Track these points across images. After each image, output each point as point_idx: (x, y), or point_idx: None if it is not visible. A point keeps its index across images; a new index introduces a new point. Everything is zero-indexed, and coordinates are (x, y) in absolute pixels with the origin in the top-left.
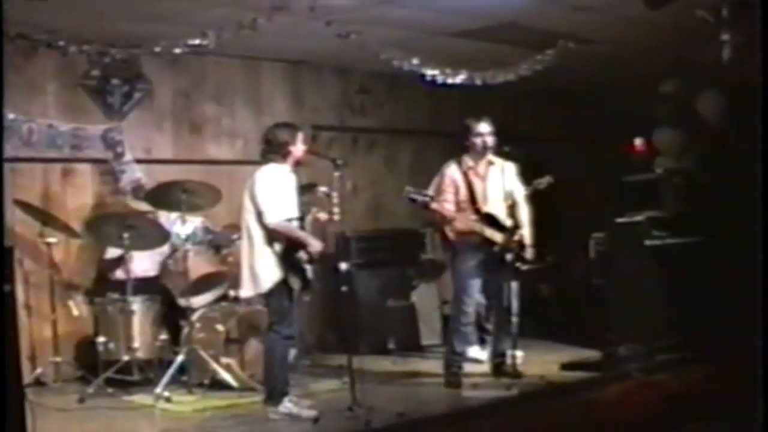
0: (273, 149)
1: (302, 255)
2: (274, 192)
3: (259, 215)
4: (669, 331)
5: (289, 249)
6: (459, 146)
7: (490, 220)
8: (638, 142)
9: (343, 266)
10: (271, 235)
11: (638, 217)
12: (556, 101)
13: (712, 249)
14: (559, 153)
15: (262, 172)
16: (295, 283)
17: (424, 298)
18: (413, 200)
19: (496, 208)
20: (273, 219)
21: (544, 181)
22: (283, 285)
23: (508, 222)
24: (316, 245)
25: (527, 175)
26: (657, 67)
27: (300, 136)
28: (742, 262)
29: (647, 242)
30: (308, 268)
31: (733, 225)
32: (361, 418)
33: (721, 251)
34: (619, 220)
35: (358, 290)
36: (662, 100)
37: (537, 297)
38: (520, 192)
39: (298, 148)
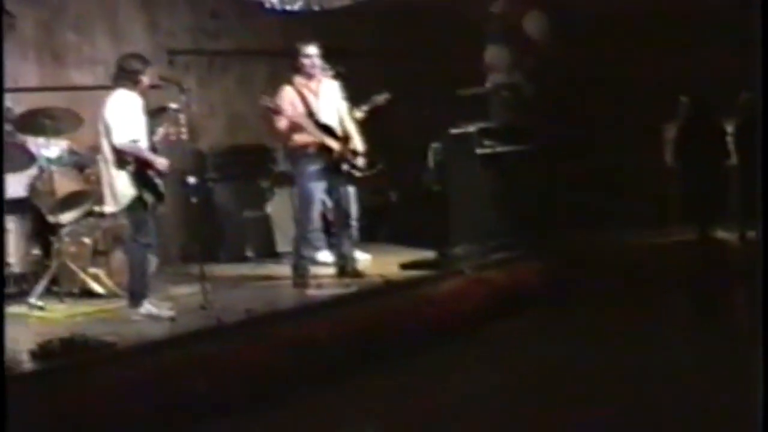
0: (124, 77)
1: (152, 172)
2: (122, 115)
3: (110, 137)
4: (500, 232)
5: (139, 167)
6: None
7: (327, 131)
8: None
9: (191, 180)
10: (121, 156)
11: (470, 128)
12: (393, 22)
13: (536, 155)
14: (396, 70)
15: (112, 98)
16: (149, 198)
17: (279, 208)
18: (269, 108)
19: (330, 120)
20: (119, 140)
21: (381, 98)
22: (138, 200)
23: (340, 132)
24: (161, 163)
25: (366, 92)
26: None
27: (150, 68)
28: (561, 166)
29: (478, 151)
30: (159, 183)
31: (553, 133)
32: (213, 316)
33: (543, 157)
34: (454, 130)
35: (215, 203)
36: (492, 20)
37: (383, 204)
38: (344, 107)
39: (147, 78)
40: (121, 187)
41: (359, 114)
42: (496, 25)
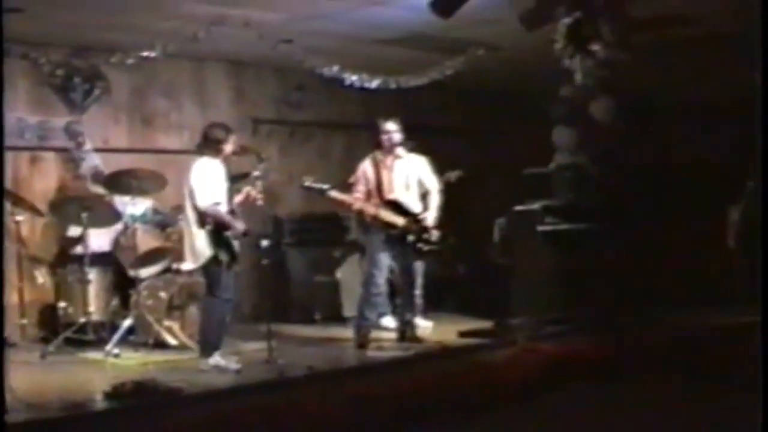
0: (207, 145)
1: (229, 234)
2: (205, 181)
3: (193, 200)
4: (556, 306)
5: (217, 229)
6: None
7: (393, 206)
8: None
9: (265, 243)
10: (202, 217)
11: (534, 206)
12: (466, 101)
13: (597, 234)
14: (469, 147)
15: (197, 164)
16: (224, 257)
17: (348, 274)
18: (308, 188)
19: (401, 195)
20: (202, 203)
21: (453, 174)
22: (214, 259)
23: (411, 208)
24: (238, 227)
25: (440, 167)
26: (555, 71)
27: (232, 137)
28: (621, 245)
29: (540, 228)
30: (234, 244)
31: (616, 213)
32: (277, 370)
33: (604, 236)
34: (518, 207)
35: (289, 266)
36: (559, 102)
37: (451, 275)
38: (431, 181)
39: (229, 146)
40: (200, 246)
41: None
42: (564, 107)
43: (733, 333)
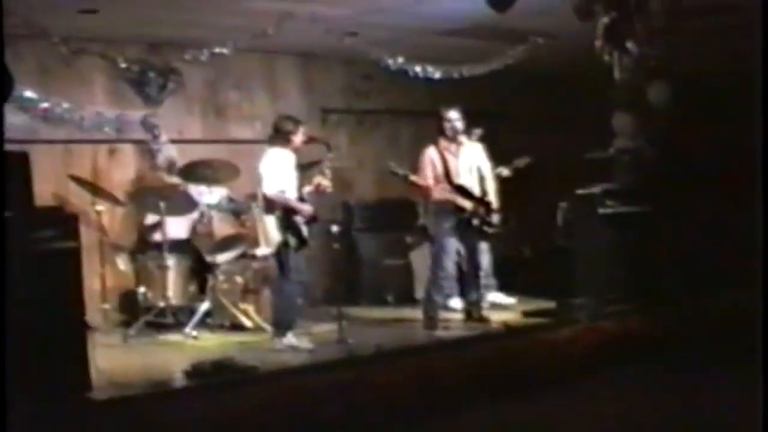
0: (278, 136)
1: (298, 218)
2: (273, 170)
3: (261, 187)
4: (617, 286)
5: (286, 214)
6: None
7: (461, 191)
8: None
9: (335, 228)
10: (269, 204)
11: (595, 189)
12: (528, 88)
13: (655, 216)
14: (532, 134)
15: (267, 154)
16: (293, 241)
17: (419, 258)
18: (395, 174)
19: (466, 180)
20: (269, 190)
21: (523, 161)
22: (284, 243)
23: (476, 192)
24: (305, 210)
25: (506, 155)
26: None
27: (301, 128)
28: (678, 227)
29: (600, 210)
30: (303, 229)
31: (673, 196)
32: (347, 349)
33: (662, 218)
34: (579, 191)
35: (360, 251)
36: (618, 88)
37: (517, 258)
38: (487, 168)
39: (299, 138)
40: (270, 231)
41: (504, 173)
42: (623, 93)
43: None
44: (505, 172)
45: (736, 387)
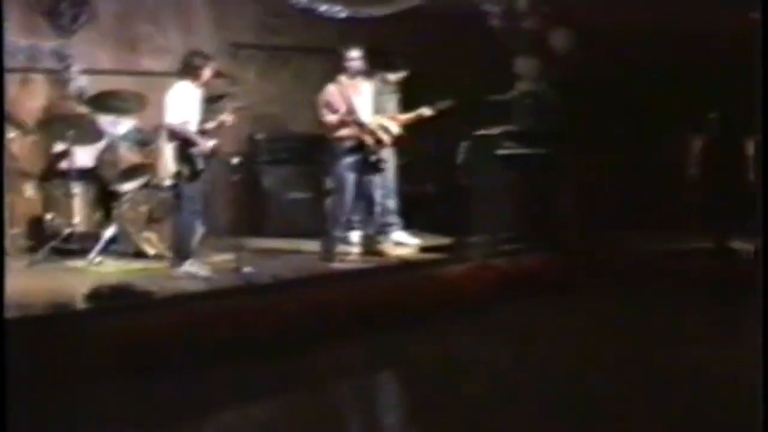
0: (186, 71)
1: (195, 150)
2: (177, 102)
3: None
4: (513, 226)
5: (183, 146)
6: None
7: (361, 128)
8: None
9: (234, 160)
10: (170, 134)
11: (494, 131)
12: (432, 31)
13: (553, 158)
14: (435, 75)
15: (174, 87)
16: (186, 172)
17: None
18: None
19: (366, 118)
20: (171, 120)
21: (445, 104)
22: (179, 174)
23: (375, 129)
24: (203, 143)
25: (416, 96)
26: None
27: (210, 64)
28: (575, 168)
29: (499, 151)
30: (199, 161)
31: (570, 138)
32: (244, 278)
33: (559, 160)
34: (480, 132)
35: (265, 184)
36: (521, 34)
37: (422, 195)
38: (389, 106)
39: (207, 72)
40: (168, 161)
41: (426, 113)
42: (525, 38)
43: (685, 256)
44: (427, 112)
45: (627, 323)
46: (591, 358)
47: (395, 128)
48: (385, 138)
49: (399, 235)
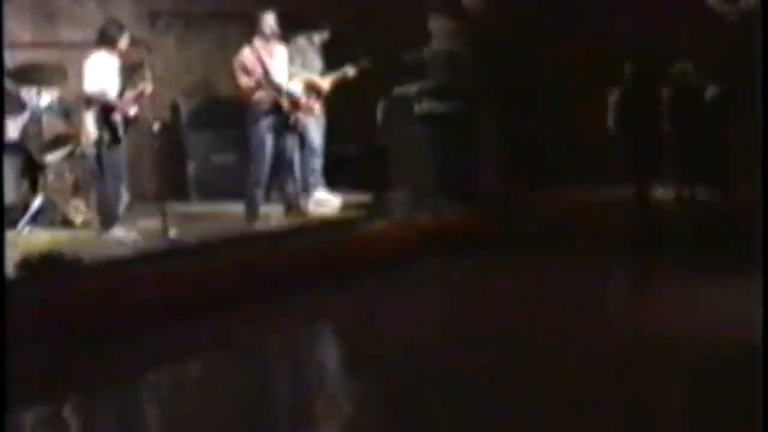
0: (103, 40)
1: (116, 117)
2: (94, 70)
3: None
4: (432, 183)
5: (103, 112)
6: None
7: (278, 90)
8: None
9: (156, 126)
10: (89, 101)
11: (411, 89)
12: None
13: (468, 115)
14: (351, 36)
15: (91, 57)
16: (106, 138)
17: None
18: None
19: (282, 80)
20: (88, 88)
21: (351, 70)
22: (99, 140)
23: (291, 91)
24: (128, 109)
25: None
26: None
27: (125, 34)
28: (492, 125)
29: (417, 109)
30: (118, 127)
31: (484, 94)
32: (169, 241)
33: (475, 117)
34: (396, 91)
35: (188, 149)
36: None
37: (344, 155)
38: (295, 69)
39: (123, 42)
40: (89, 128)
41: (350, 72)
42: None
43: (608, 208)
44: (351, 71)
45: (543, 278)
46: (503, 312)
47: (326, 86)
48: (314, 97)
49: (321, 194)
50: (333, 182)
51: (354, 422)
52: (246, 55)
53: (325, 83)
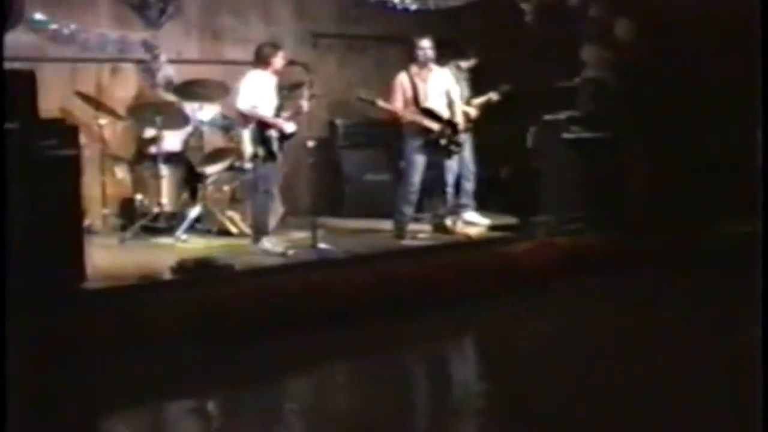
0: (258, 60)
1: (271, 133)
2: (248, 88)
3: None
4: (576, 206)
5: (259, 128)
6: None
7: (429, 113)
8: None
9: (310, 144)
10: (244, 118)
11: (561, 115)
12: (502, 20)
13: (616, 142)
14: (505, 62)
15: (247, 75)
16: (261, 153)
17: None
18: (362, 100)
19: (435, 104)
20: (241, 105)
21: (508, 88)
22: (255, 155)
23: (443, 114)
24: (284, 126)
25: (482, 81)
26: None
27: (280, 53)
28: (634, 154)
29: (565, 135)
30: (274, 143)
31: (632, 123)
32: (318, 253)
33: (621, 144)
34: (546, 117)
35: (344, 166)
36: (587, 22)
37: (496, 178)
38: (456, 92)
39: (275, 63)
40: (245, 144)
41: (494, 97)
42: (591, 27)
43: (741, 241)
44: (494, 96)
45: (686, 305)
46: (644, 339)
47: (474, 113)
48: (463, 123)
49: (471, 215)
50: (483, 204)
51: None
52: (401, 78)
53: (472, 109)
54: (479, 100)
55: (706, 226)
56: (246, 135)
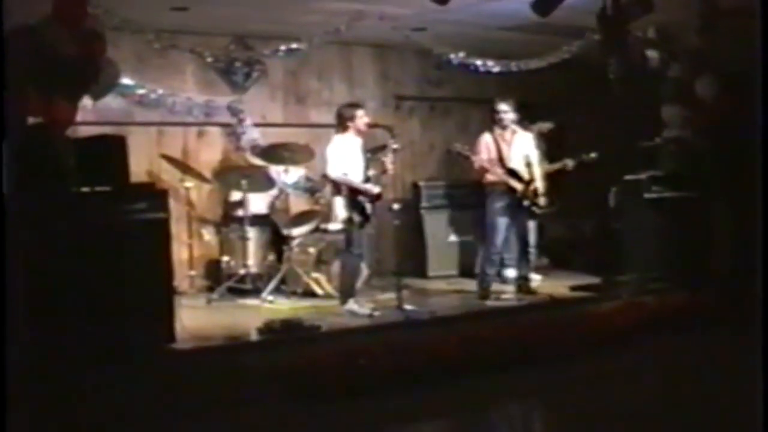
0: (339, 123)
1: (362, 198)
2: (335, 154)
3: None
4: (660, 265)
5: (351, 194)
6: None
7: (512, 174)
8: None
9: (395, 206)
10: (335, 185)
11: (642, 175)
12: (583, 82)
13: (697, 202)
14: (584, 127)
15: (332, 140)
16: (357, 218)
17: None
18: (456, 152)
19: (517, 165)
20: (332, 173)
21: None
22: (349, 220)
23: (525, 176)
24: (369, 189)
25: (564, 143)
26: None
27: (359, 112)
28: (718, 212)
29: (646, 195)
30: (367, 207)
31: (714, 183)
32: (404, 314)
33: (703, 203)
34: (628, 177)
35: (427, 227)
36: (668, 82)
37: (576, 237)
38: (535, 155)
39: (357, 123)
40: (337, 209)
41: (569, 165)
42: (671, 86)
43: None
44: (570, 164)
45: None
46: (736, 396)
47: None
48: (543, 186)
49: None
50: (566, 264)
51: None
52: (486, 138)
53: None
54: (555, 166)
55: None
56: (339, 201)
